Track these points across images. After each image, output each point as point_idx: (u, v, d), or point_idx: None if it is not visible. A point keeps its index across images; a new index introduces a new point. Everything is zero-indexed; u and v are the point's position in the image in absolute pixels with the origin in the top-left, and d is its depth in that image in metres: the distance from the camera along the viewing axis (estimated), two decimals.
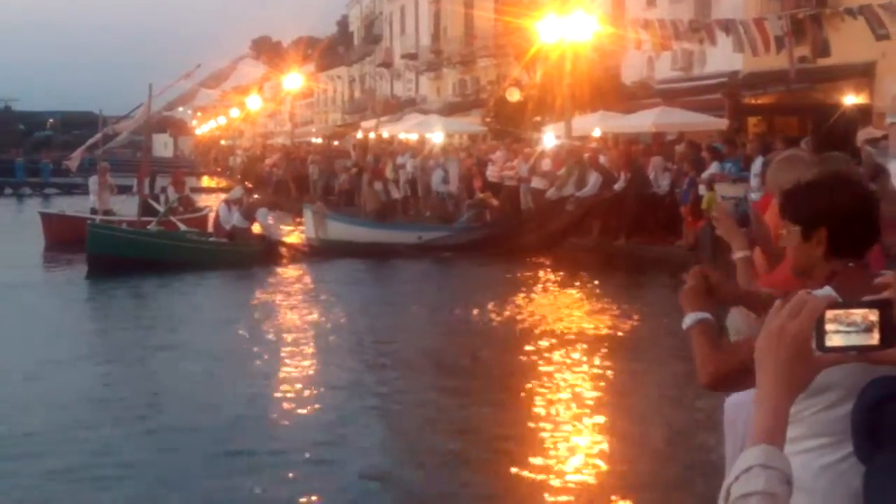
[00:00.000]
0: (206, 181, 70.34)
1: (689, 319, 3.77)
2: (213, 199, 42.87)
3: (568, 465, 9.87)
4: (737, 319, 4.53)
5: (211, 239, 27.16)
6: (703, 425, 10.66)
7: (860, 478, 2.83)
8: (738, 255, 5.22)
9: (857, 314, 1.89)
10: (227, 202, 27.82)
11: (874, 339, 1.88)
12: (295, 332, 17.34)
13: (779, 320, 1.95)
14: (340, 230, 28.81)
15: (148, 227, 26.38)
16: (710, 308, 3.81)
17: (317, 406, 12.41)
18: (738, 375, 3.38)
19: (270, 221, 27.61)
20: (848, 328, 1.89)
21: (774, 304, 2.01)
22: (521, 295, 20.61)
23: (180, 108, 52.52)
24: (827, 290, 3.00)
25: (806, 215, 3.66)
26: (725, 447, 5.51)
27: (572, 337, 16.25)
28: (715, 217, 5.52)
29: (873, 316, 1.88)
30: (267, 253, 26.65)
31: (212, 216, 29.91)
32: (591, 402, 12.32)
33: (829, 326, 1.90)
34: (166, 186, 34.28)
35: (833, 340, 1.90)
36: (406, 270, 25.19)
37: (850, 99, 25.99)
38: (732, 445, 5.32)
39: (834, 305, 1.90)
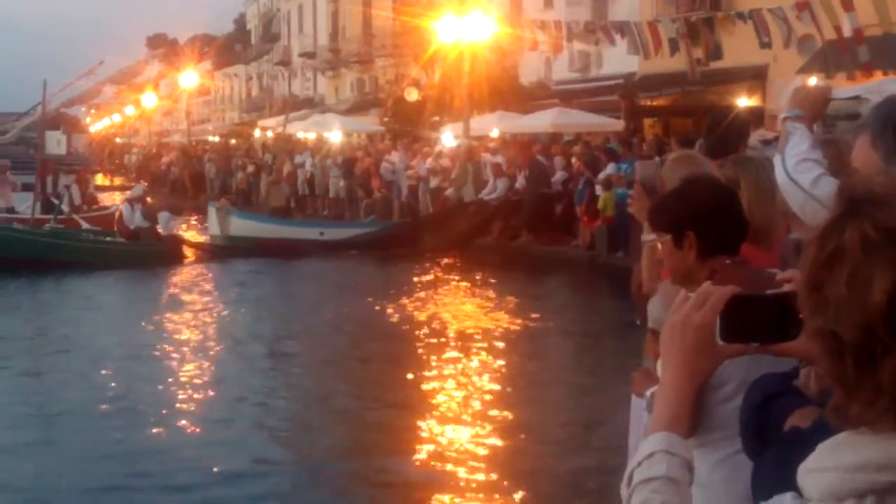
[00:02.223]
0: (100, 179, 69.19)
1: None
2: (107, 197, 42.13)
3: (468, 458, 9.92)
4: (656, 307, 4.51)
5: (108, 238, 26.61)
6: (599, 418, 10.80)
7: None
8: (647, 237, 5.15)
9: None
10: (130, 201, 27.24)
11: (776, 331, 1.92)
12: (195, 331, 17.15)
13: (683, 311, 1.99)
14: (243, 227, 28.64)
15: (45, 225, 25.82)
16: None
17: (212, 406, 12.32)
18: None
19: (172, 225, 27.13)
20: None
21: (678, 295, 2.05)
22: (422, 293, 20.65)
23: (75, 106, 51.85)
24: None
25: (671, 222, 3.74)
26: (629, 438, 5.55)
27: (471, 333, 16.33)
28: (631, 195, 5.45)
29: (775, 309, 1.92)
30: (170, 253, 26.16)
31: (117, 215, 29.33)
32: (489, 397, 12.39)
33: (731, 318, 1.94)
34: (70, 185, 33.63)
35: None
36: (309, 269, 24.97)
37: (743, 101, 26.42)
38: (636, 436, 5.33)
39: (737, 297, 1.95)
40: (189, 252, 27.51)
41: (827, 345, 1.50)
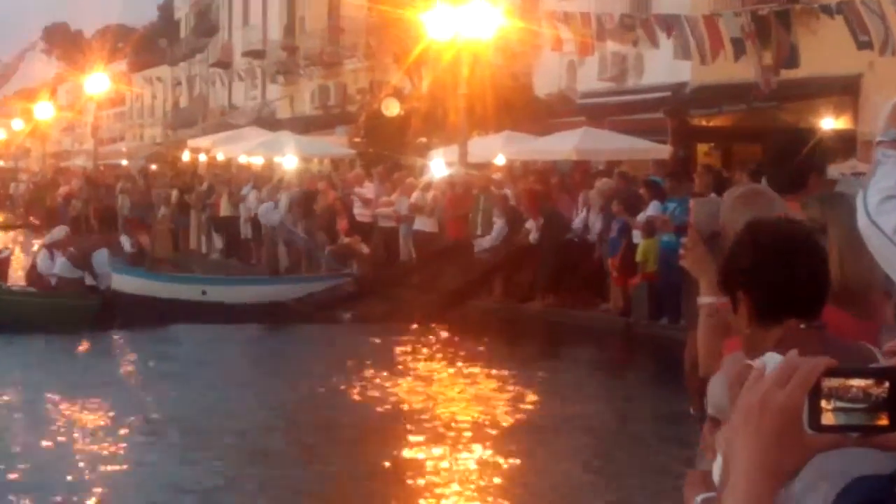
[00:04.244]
0: None
1: None
2: None
3: None
4: (718, 388, 4.42)
5: (21, 291, 26.39)
6: None
7: None
8: (703, 299, 5.03)
9: (862, 385, 1.89)
10: (49, 247, 26.90)
11: (882, 418, 1.89)
12: (113, 409, 17.17)
13: (761, 389, 1.95)
14: (124, 283, 28.52)
15: None
16: None
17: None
18: None
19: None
20: (849, 403, 1.89)
21: (753, 369, 2.02)
22: (399, 370, 20.57)
23: None
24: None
25: (723, 282, 3.74)
26: None
27: (460, 425, 16.26)
28: (683, 243, 5.36)
29: (881, 389, 1.88)
30: (105, 310, 25.64)
31: (15, 260, 29.01)
32: None
33: (824, 400, 1.90)
34: None
35: (830, 418, 1.90)
36: (271, 339, 24.81)
37: (829, 123, 26.47)
38: None
39: (833, 373, 1.90)
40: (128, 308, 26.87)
41: None
